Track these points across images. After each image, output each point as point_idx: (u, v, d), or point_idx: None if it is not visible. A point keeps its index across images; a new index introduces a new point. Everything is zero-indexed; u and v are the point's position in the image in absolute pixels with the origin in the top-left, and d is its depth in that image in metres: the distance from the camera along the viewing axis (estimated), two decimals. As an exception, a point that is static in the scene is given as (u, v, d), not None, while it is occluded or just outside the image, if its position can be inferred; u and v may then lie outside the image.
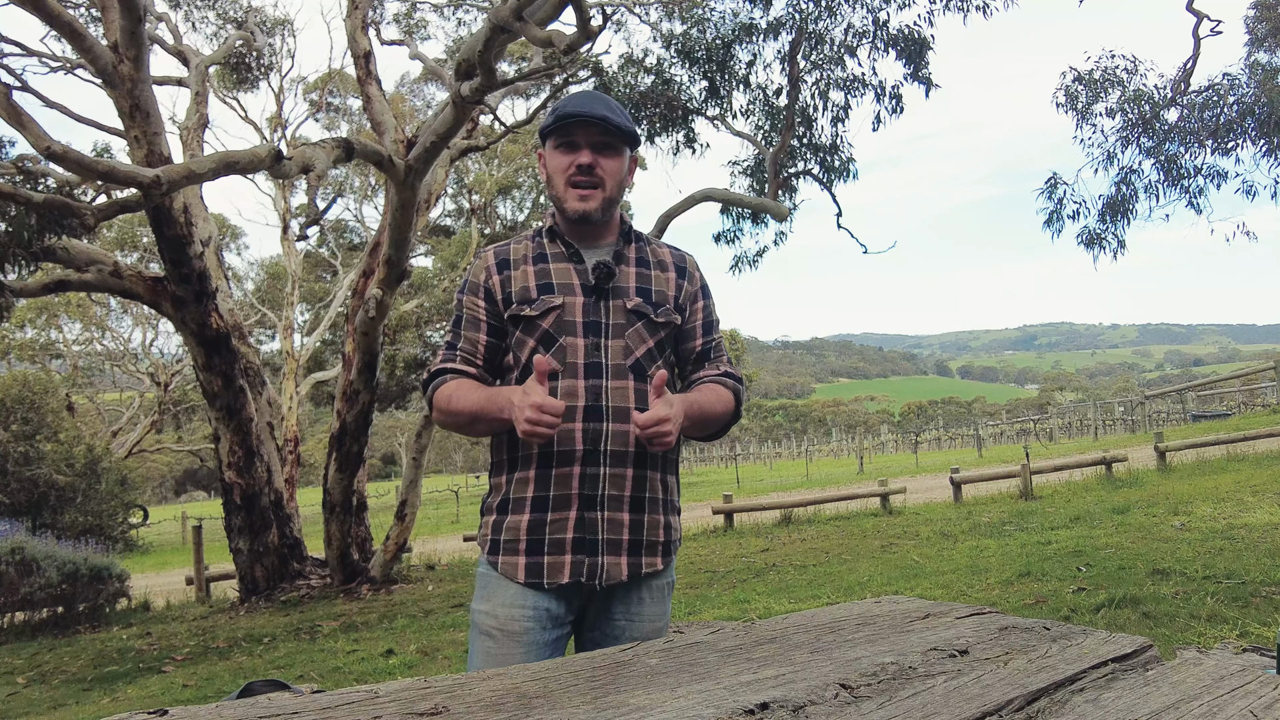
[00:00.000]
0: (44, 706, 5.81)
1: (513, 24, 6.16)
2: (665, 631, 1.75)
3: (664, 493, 1.76)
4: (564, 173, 1.74)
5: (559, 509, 1.67)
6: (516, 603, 1.67)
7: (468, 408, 1.70)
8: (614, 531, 1.68)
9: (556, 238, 1.80)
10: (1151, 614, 4.50)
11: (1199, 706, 0.88)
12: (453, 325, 1.84)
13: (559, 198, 1.77)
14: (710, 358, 1.86)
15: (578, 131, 1.74)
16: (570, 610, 1.71)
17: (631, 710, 0.84)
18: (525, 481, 1.70)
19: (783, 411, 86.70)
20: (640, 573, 1.71)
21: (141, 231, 21.43)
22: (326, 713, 0.84)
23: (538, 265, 1.77)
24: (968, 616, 1.21)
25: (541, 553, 1.67)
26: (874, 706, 0.85)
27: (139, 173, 5.60)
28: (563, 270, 1.76)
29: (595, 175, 1.74)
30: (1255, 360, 60.50)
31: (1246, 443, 12.55)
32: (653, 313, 1.76)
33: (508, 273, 1.77)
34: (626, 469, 1.69)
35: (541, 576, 1.66)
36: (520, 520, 1.69)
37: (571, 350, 1.70)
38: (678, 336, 1.83)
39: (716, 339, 1.89)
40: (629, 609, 1.72)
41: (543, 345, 1.72)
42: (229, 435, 9.14)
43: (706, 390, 1.78)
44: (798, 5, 10.17)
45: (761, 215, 11.39)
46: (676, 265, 1.85)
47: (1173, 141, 8.97)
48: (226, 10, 15.00)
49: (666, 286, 1.80)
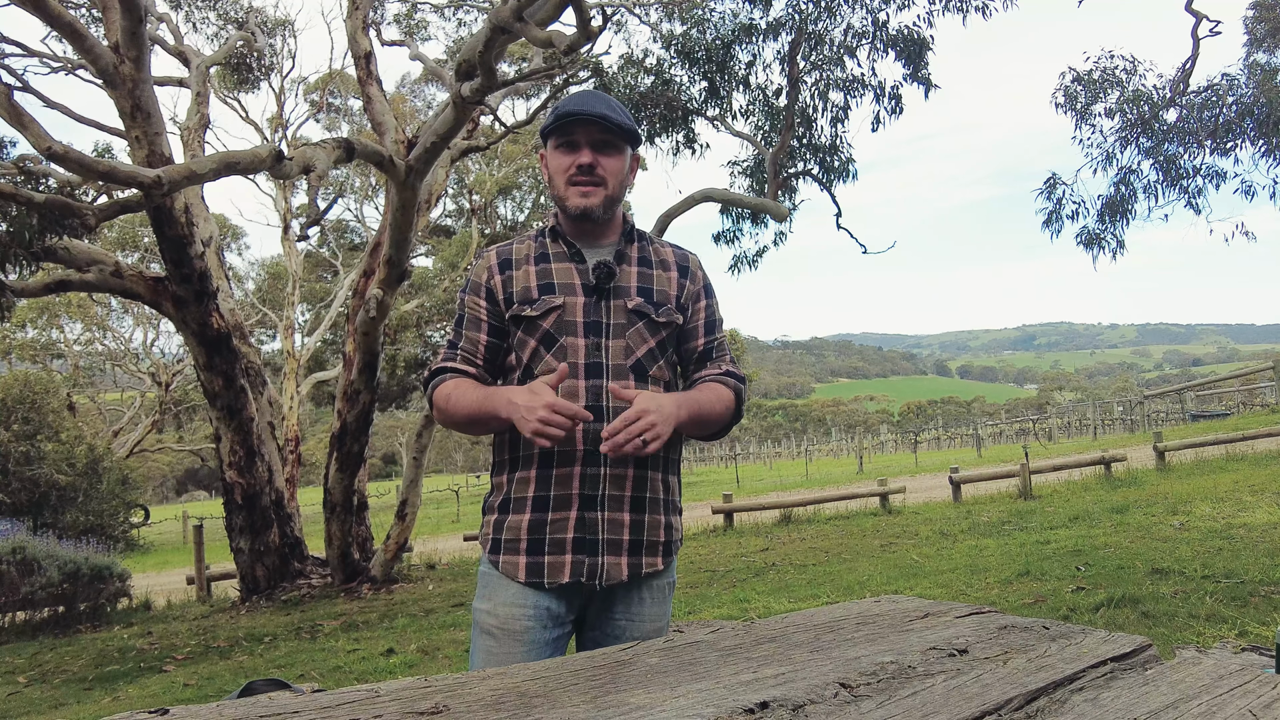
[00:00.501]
0: (45, 706, 5.81)
1: (513, 25, 6.16)
2: (665, 631, 1.75)
3: (665, 493, 1.75)
4: (565, 172, 1.74)
5: (559, 509, 1.67)
6: (517, 602, 1.67)
7: (465, 407, 1.71)
8: (614, 532, 1.68)
9: (559, 237, 1.80)
10: (1150, 613, 4.51)
11: (1198, 706, 0.88)
12: (455, 325, 1.84)
13: (561, 196, 1.76)
14: (712, 357, 1.85)
15: (578, 130, 1.73)
16: (571, 610, 1.71)
17: (631, 709, 0.84)
18: (526, 481, 1.70)
19: (782, 411, 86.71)
20: (641, 573, 1.71)
21: (142, 231, 21.43)
22: (327, 712, 0.84)
23: (539, 265, 1.77)
24: (967, 616, 1.21)
25: (542, 552, 1.67)
26: (873, 705, 0.86)
27: (140, 173, 5.61)
28: (564, 270, 1.76)
29: (596, 174, 1.73)
30: (1254, 360, 60.47)
31: (1245, 442, 12.55)
32: (654, 312, 1.75)
33: (509, 273, 1.77)
34: (627, 469, 1.68)
35: (542, 576, 1.66)
36: (521, 520, 1.69)
37: (572, 350, 1.70)
38: (679, 336, 1.82)
39: (719, 338, 1.88)
40: (629, 609, 1.72)
41: (543, 345, 1.71)
42: (230, 435, 9.14)
43: (706, 389, 1.76)
44: (797, 6, 10.18)
45: (761, 215, 11.39)
46: (679, 264, 1.84)
47: (1172, 142, 8.98)
48: (227, 11, 14.99)
49: (668, 286, 1.80)
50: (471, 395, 1.71)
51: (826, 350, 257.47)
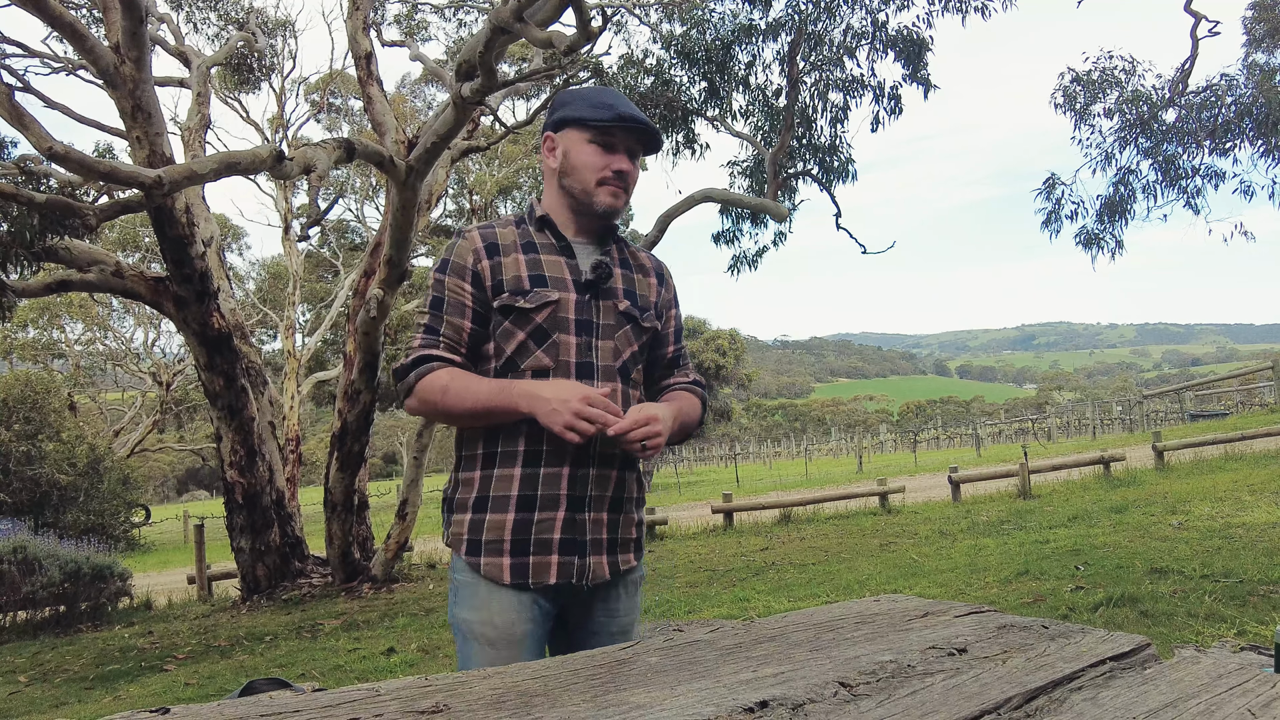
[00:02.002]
0: (46, 705, 5.81)
1: (513, 25, 6.16)
2: (637, 624, 1.79)
3: (636, 491, 1.79)
4: (598, 171, 1.71)
5: (546, 509, 1.64)
6: (513, 607, 1.64)
7: (472, 400, 1.63)
8: (597, 532, 1.68)
9: (545, 227, 1.75)
10: (1149, 613, 4.51)
11: (1197, 705, 0.89)
12: (431, 307, 1.72)
13: (588, 191, 1.72)
14: (679, 364, 1.89)
15: (619, 133, 1.72)
16: (555, 606, 1.71)
17: (631, 708, 0.85)
18: (509, 479, 1.65)
19: (782, 411, 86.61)
20: (619, 570, 1.72)
21: (143, 232, 21.43)
22: (328, 711, 0.84)
23: (528, 255, 1.71)
24: (966, 615, 1.22)
25: (527, 553, 1.63)
26: (873, 705, 0.86)
27: (141, 173, 5.61)
28: (554, 263, 1.72)
29: (626, 180, 1.74)
30: (1253, 360, 60.45)
31: (1244, 442, 12.56)
32: (640, 316, 1.76)
33: (498, 259, 1.70)
34: (611, 470, 1.70)
35: (527, 577, 1.63)
36: (504, 519, 1.64)
37: (564, 348, 1.67)
38: (653, 341, 1.84)
39: (684, 346, 1.94)
40: (608, 605, 1.73)
41: (534, 340, 1.67)
42: (231, 435, 9.15)
43: (684, 400, 1.81)
44: (797, 6, 10.18)
45: (761, 215, 11.40)
46: (656, 271, 1.87)
47: (1170, 142, 8.98)
48: (228, 11, 15.01)
49: (648, 291, 1.82)
50: (480, 387, 1.64)
51: (826, 350, 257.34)
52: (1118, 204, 9.30)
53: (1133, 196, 9.27)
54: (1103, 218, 9.38)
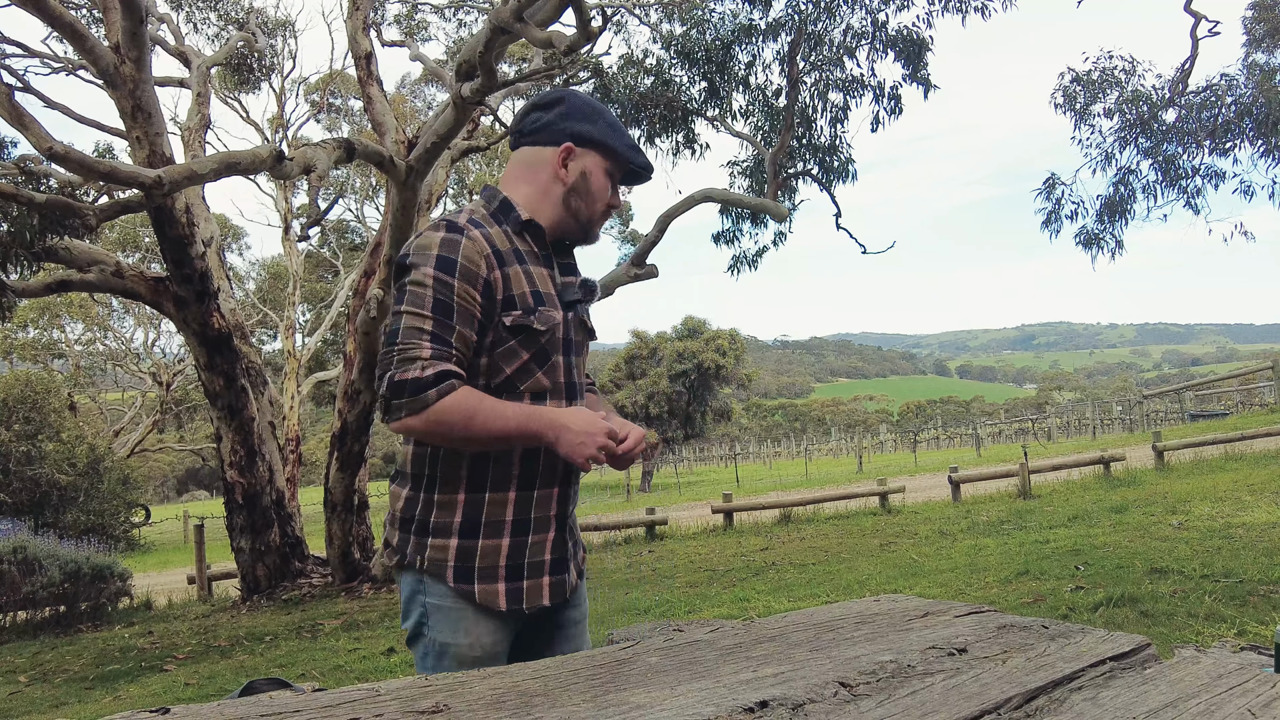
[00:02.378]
0: (46, 705, 5.81)
1: (513, 25, 6.17)
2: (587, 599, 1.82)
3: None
4: (605, 202, 1.73)
5: (539, 531, 1.61)
6: (499, 629, 1.59)
7: (504, 428, 1.50)
8: (571, 545, 1.71)
9: (529, 233, 1.65)
10: (1149, 612, 4.51)
11: (1197, 705, 0.89)
12: (436, 311, 1.50)
13: (592, 220, 1.72)
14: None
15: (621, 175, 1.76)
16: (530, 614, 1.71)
17: (631, 708, 0.85)
18: (503, 503, 1.57)
19: (782, 411, 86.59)
20: (581, 568, 1.76)
21: (143, 232, 21.43)
22: (328, 711, 0.85)
23: (523, 266, 1.60)
24: (966, 615, 1.22)
25: (521, 578, 1.59)
26: (873, 705, 0.86)
27: (141, 173, 5.61)
28: (543, 277, 1.63)
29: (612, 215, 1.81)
30: (1253, 360, 60.42)
31: (1244, 442, 12.55)
32: (593, 329, 1.78)
33: (505, 269, 1.56)
34: (578, 486, 1.72)
35: (522, 602, 1.58)
36: (498, 544, 1.56)
37: (558, 370, 1.63)
38: None
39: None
40: (573, 596, 1.74)
41: (536, 362, 1.59)
42: (231, 435, 9.15)
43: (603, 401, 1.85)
44: (797, 6, 10.19)
45: (761, 215, 11.40)
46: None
47: (1170, 142, 8.99)
48: (228, 11, 15.01)
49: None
50: (510, 413, 1.51)
51: (826, 350, 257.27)
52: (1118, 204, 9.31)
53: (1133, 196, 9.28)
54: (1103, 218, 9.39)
